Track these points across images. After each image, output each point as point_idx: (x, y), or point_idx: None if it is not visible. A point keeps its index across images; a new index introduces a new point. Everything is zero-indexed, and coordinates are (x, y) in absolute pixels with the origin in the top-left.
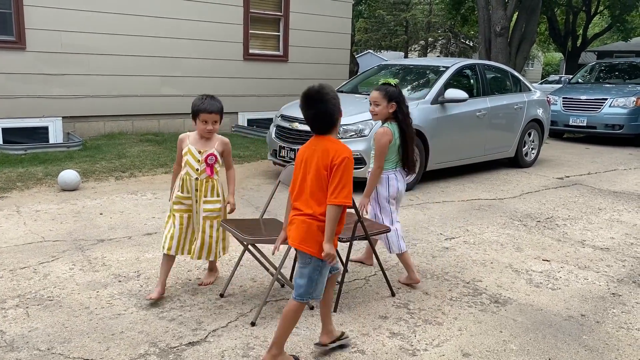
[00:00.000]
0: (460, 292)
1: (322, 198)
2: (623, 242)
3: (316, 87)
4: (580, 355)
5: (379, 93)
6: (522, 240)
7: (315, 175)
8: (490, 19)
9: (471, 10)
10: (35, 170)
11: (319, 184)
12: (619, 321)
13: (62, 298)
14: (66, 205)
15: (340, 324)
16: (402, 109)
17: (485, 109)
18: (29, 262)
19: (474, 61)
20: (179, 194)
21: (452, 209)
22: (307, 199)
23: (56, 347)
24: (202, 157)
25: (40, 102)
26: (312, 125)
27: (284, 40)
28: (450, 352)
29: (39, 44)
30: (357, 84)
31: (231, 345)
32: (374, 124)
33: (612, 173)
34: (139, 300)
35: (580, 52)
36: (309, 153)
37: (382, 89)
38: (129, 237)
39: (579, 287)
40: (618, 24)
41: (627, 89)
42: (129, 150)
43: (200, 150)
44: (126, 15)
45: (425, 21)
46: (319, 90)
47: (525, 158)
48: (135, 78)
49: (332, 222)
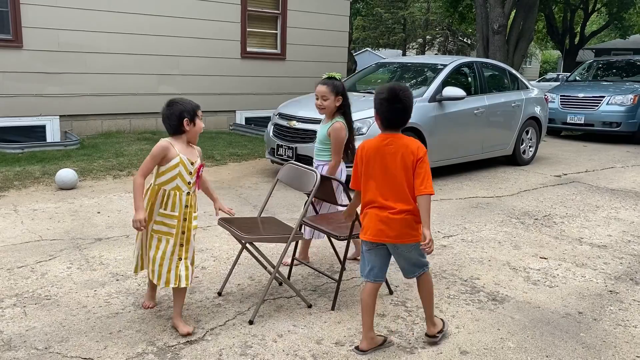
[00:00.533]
0: (458, 290)
1: (412, 192)
2: (620, 240)
3: (401, 85)
4: (577, 352)
5: (326, 87)
6: (520, 238)
7: (404, 170)
8: (487, 16)
9: (469, 8)
10: (33, 169)
11: (408, 178)
12: (617, 318)
13: (60, 297)
14: (63, 204)
15: (338, 322)
16: (346, 102)
17: (483, 106)
18: (27, 261)
19: (472, 59)
20: (162, 211)
21: (450, 206)
22: (399, 195)
23: (54, 346)
24: (193, 168)
25: (38, 101)
26: (392, 120)
27: (282, 38)
28: (448, 350)
29: (36, 42)
30: (355, 82)
31: (229, 343)
32: (372, 122)
33: (610, 171)
34: (137, 298)
35: (578, 49)
36: (386, 149)
37: (329, 83)
38: (127, 235)
39: (576, 284)
40: (616, 21)
41: (625, 87)
42: (127, 149)
43: (191, 161)
44: (124, 13)
45: (423, 19)
46: (405, 88)
47: (523, 156)
48: (132, 76)
49: (428, 210)
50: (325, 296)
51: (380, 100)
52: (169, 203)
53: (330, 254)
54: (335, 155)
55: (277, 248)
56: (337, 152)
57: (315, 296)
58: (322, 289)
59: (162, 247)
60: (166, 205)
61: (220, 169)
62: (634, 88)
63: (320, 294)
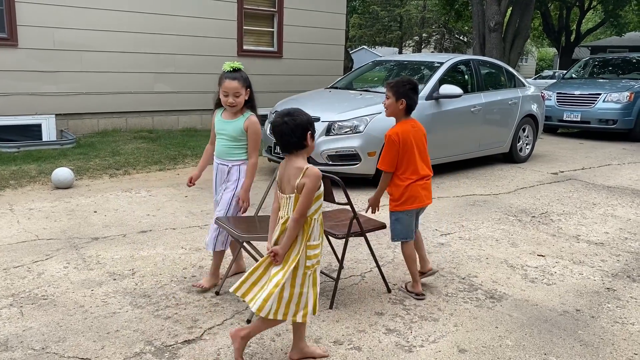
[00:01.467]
0: (455, 288)
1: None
2: (617, 237)
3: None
4: (575, 350)
5: (238, 82)
6: (517, 235)
7: (425, 145)
8: (484, 14)
9: (465, 6)
10: (29, 168)
11: (426, 150)
12: (614, 316)
13: (57, 297)
14: (60, 203)
15: (337, 320)
16: (252, 94)
17: (479, 104)
18: (23, 260)
19: (468, 57)
20: (309, 243)
21: (447, 204)
22: (428, 165)
23: (51, 347)
24: None
25: (33, 100)
26: (414, 106)
27: (278, 36)
28: (446, 348)
29: (32, 40)
30: (351, 80)
31: (227, 343)
32: (369, 120)
33: (606, 168)
34: (134, 298)
35: (574, 47)
36: (417, 132)
37: (239, 77)
38: (124, 235)
39: (574, 282)
40: (611, 19)
41: (621, 84)
42: (123, 148)
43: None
44: (119, 11)
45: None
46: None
47: (519, 153)
48: (128, 75)
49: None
50: (323, 295)
51: (410, 89)
52: (315, 233)
53: (327, 252)
54: (255, 153)
55: None
56: (256, 148)
57: None
58: (320, 288)
59: (308, 283)
60: (310, 236)
61: None
62: (629, 85)
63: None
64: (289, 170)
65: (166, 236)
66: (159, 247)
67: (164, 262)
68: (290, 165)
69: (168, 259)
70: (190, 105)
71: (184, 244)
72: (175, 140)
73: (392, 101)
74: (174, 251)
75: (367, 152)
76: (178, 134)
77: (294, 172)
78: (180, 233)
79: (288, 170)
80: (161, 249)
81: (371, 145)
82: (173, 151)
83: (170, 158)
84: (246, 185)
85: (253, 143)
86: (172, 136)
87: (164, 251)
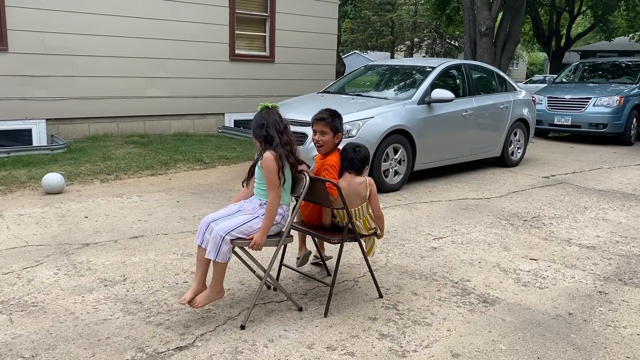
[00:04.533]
0: (448, 292)
1: None
2: (609, 240)
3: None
4: (568, 354)
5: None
6: (510, 239)
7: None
8: (475, 19)
9: (456, 11)
10: (19, 173)
11: None
12: (606, 319)
13: (47, 304)
14: (50, 209)
15: (330, 326)
16: (268, 130)
17: (471, 108)
18: (13, 267)
19: (460, 61)
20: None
21: (440, 208)
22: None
23: (41, 354)
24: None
25: (24, 104)
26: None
27: (270, 40)
28: (439, 353)
29: (22, 45)
30: (343, 84)
31: (219, 349)
32: (362, 125)
33: (597, 171)
34: (125, 304)
35: (564, 51)
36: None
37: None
38: (115, 240)
39: (566, 285)
40: (601, 24)
41: (611, 88)
42: (114, 153)
43: None
44: (110, 16)
45: (411, 21)
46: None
47: (511, 157)
48: (120, 79)
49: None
50: (316, 300)
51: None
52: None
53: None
54: (272, 189)
55: (267, 251)
56: (273, 185)
57: (306, 300)
58: (313, 293)
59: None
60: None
61: (209, 172)
62: (619, 90)
63: (311, 297)
64: (354, 187)
65: (158, 242)
66: (151, 252)
67: (155, 268)
68: (354, 182)
69: (160, 264)
70: (182, 110)
71: (176, 249)
72: (167, 145)
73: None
74: (165, 257)
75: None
76: (170, 138)
77: (361, 187)
78: (172, 238)
79: (352, 186)
80: (153, 255)
81: None
82: (165, 156)
83: (162, 163)
84: (265, 226)
85: (267, 181)
86: (164, 141)
87: (155, 257)
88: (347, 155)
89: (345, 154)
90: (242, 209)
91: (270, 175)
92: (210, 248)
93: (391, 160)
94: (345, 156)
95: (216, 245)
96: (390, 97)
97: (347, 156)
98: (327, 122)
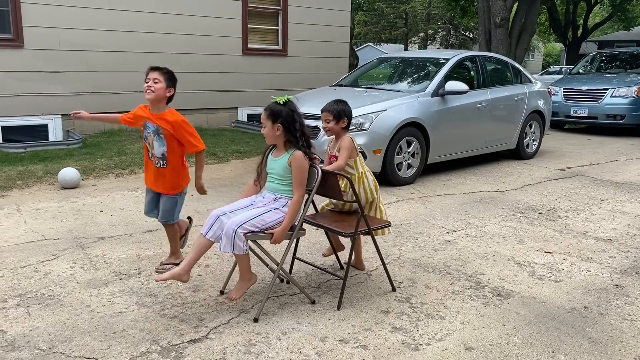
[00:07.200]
0: (462, 286)
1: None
2: (626, 233)
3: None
4: (583, 347)
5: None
6: (524, 232)
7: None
8: (490, 10)
9: (470, 2)
10: (35, 168)
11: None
12: (623, 313)
13: (63, 297)
14: (66, 203)
15: (342, 319)
16: (294, 128)
17: (485, 100)
18: (30, 260)
19: (474, 53)
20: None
21: (454, 201)
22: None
23: (57, 346)
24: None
25: (40, 100)
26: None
27: (283, 34)
28: (453, 346)
29: (37, 41)
30: (356, 77)
31: (233, 342)
32: (374, 118)
33: (614, 163)
34: (140, 297)
35: (581, 42)
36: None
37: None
38: (130, 234)
39: (581, 279)
40: (619, 13)
41: (629, 79)
42: (129, 147)
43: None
44: (124, 11)
45: (425, 13)
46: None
47: (526, 150)
48: (134, 74)
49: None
50: (329, 293)
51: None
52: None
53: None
54: (298, 188)
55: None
56: (301, 184)
57: (319, 293)
58: (326, 286)
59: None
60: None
61: (223, 166)
62: (637, 80)
63: (324, 291)
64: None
65: None
66: (165, 246)
67: None
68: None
69: None
70: (196, 104)
71: (190, 242)
72: None
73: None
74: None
75: (372, 149)
76: None
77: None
78: None
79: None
80: (167, 248)
81: (376, 142)
82: None
83: None
84: (286, 224)
85: (294, 178)
86: None
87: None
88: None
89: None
90: (254, 203)
91: (300, 173)
92: (225, 242)
93: (404, 153)
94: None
95: (230, 239)
96: (404, 90)
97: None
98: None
